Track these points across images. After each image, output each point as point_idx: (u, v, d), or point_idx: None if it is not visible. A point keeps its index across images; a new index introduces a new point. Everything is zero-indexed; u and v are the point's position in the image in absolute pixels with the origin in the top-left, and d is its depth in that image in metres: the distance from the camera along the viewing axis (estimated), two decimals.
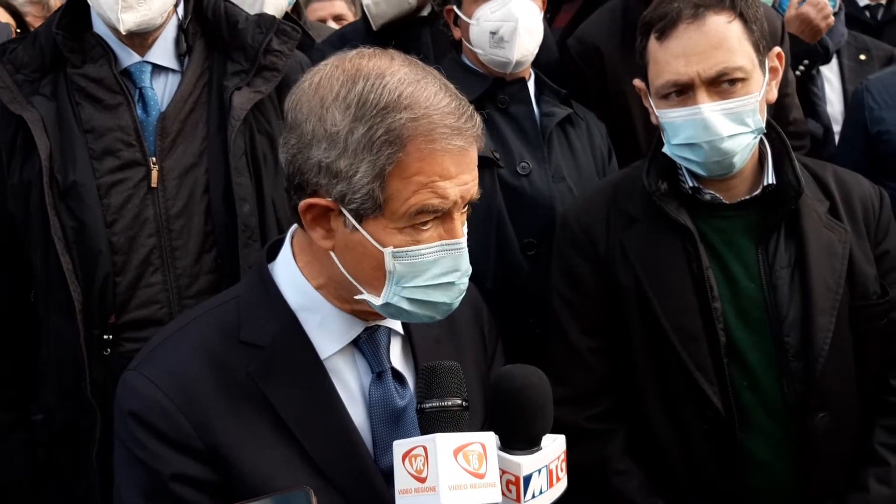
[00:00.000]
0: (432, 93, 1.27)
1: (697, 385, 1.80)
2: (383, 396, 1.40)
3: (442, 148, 1.25)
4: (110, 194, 1.86)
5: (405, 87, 1.25)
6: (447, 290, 1.34)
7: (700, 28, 1.76)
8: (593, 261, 1.92)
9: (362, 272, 1.32)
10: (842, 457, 1.86)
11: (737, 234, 1.87)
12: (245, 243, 1.87)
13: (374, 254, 1.29)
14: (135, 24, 1.85)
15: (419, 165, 1.25)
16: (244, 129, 1.91)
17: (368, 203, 1.26)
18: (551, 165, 2.33)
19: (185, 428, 1.30)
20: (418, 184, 1.26)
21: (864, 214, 1.92)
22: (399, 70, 1.28)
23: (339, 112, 1.26)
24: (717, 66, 1.75)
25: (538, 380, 1.38)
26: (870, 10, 3.89)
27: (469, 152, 1.29)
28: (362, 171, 1.25)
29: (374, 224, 1.28)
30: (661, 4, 1.82)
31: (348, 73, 1.28)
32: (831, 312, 1.81)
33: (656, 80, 1.82)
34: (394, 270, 1.29)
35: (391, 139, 1.24)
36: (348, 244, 1.31)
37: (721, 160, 1.79)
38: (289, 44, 2.00)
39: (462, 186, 1.29)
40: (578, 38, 2.80)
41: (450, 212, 1.30)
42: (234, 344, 1.36)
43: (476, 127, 1.30)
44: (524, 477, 1.32)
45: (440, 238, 1.31)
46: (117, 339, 1.86)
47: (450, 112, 1.26)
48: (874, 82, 2.75)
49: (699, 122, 1.76)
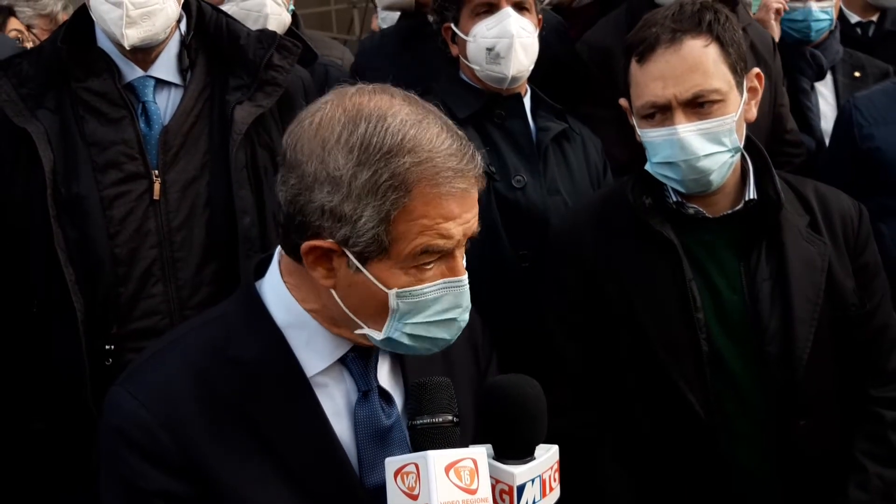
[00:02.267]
0: (434, 134, 1.27)
1: (681, 394, 1.85)
2: (369, 415, 1.40)
3: (447, 192, 1.26)
4: (113, 206, 1.89)
5: (408, 130, 1.26)
6: (448, 327, 1.35)
7: (677, 52, 1.83)
8: (581, 273, 1.97)
9: (365, 310, 1.33)
10: (822, 463, 1.90)
11: (720, 247, 1.92)
12: (246, 255, 1.90)
13: (377, 294, 1.30)
14: (139, 40, 1.88)
15: (424, 209, 1.26)
16: (245, 143, 1.94)
17: (373, 246, 1.27)
18: (546, 179, 2.36)
19: (168, 445, 1.29)
20: (423, 226, 1.26)
21: (844, 229, 1.97)
22: (400, 111, 1.28)
23: (341, 156, 1.26)
24: (692, 88, 1.82)
25: (532, 389, 1.40)
26: (861, 26, 3.93)
27: (471, 193, 1.31)
28: (367, 215, 1.25)
29: (378, 266, 1.29)
30: (642, 28, 1.89)
31: (349, 113, 1.28)
32: (811, 323, 1.87)
33: (636, 101, 1.89)
34: (397, 309, 1.30)
35: (396, 184, 1.24)
36: (351, 284, 1.31)
37: (698, 178, 1.86)
38: (289, 59, 2.04)
39: (464, 226, 1.30)
40: (588, 43, 2.85)
41: (452, 250, 1.31)
42: (221, 361, 1.35)
43: (478, 168, 1.31)
44: (518, 487, 1.32)
45: (443, 276, 1.32)
46: (119, 349, 1.89)
47: (452, 154, 1.27)
48: (862, 99, 2.77)
49: (676, 142, 1.83)
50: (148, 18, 1.87)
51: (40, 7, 3.50)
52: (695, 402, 1.84)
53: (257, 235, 1.93)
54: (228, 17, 2.08)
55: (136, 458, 1.30)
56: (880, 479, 1.89)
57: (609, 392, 1.94)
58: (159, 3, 1.89)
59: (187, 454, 1.30)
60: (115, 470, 1.32)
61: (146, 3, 1.86)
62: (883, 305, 1.99)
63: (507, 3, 2.34)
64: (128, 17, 1.85)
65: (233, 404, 1.33)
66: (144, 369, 1.39)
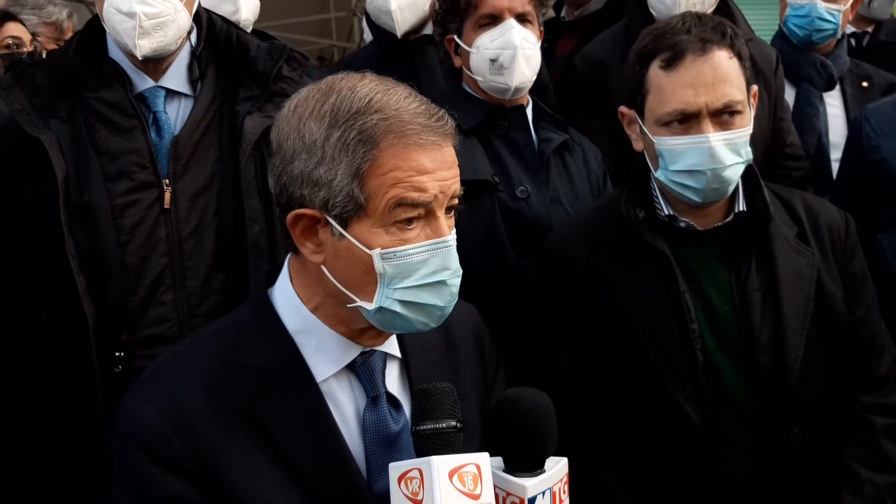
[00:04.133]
0: (402, 97, 1.33)
1: (677, 403, 1.88)
2: (378, 421, 1.42)
3: (414, 143, 1.30)
4: (124, 215, 1.92)
5: (375, 94, 1.32)
6: (439, 291, 1.36)
7: (708, 61, 1.84)
8: (575, 285, 1.99)
9: (354, 279, 1.35)
10: (815, 469, 1.94)
11: (711, 258, 1.95)
12: (255, 264, 1.93)
13: (362, 258, 1.32)
14: (151, 50, 1.91)
15: (394, 162, 1.30)
16: (255, 153, 1.97)
17: (350, 205, 1.30)
18: (549, 189, 2.39)
19: (181, 451, 1.32)
20: (395, 178, 1.30)
21: (831, 238, 2.01)
22: (370, 83, 1.35)
23: (314, 123, 1.32)
24: (722, 98, 1.83)
25: (544, 403, 1.41)
26: (856, 37, 3.97)
27: (443, 148, 1.34)
28: (340, 173, 1.30)
29: (358, 227, 1.32)
30: (664, 36, 1.88)
31: (322, 91, 1.35)
32: (801, 332, 1.90)
33: (660, 108, 1.88)
34: (384, 272, 1.32)
35: (364, 138, 1.29)
36: (338, 253, 1.34)
37: (719, 188, 1.88)
38: (298, 70, 2.07)
39: (441, 182, 1.32)
40: (584, 55, 2.95)
41: (432, 210, 1.33)
42: (232, 368, 1.38)
43: (448, 125, 1.35)
44: (529, 499, 1.34)
45: (427, 238, 1.34)
46: (129, 356, 1.91)
47: (420, 112, 1.32)
48: (872, 111, 2.79)
49: (705, 151, 1.83)
50: (160, 29, 1.90)
51: (45, 15, 3.52)
52: (691, 413, 1.87)
53: (266, 244, 1.96)
54: (238, 28, 2.11)
55: (150, 464, 1.33)
56: (873, 484, 1.93)
57: (604, 403, 1.97)
58: (171, 14, 1.91)
59: (200, 460, 1.32)
60: (128, 475, 1.35)
61: (159, 14, 1.89)
62: (871, 313, 2.03)
63: (510, 15, 2.38)
64: (140, 28, 1.87)
65: (244, 411, 1.36)
66: (158, 376, 1.41)
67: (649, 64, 1.90)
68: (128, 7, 1.87)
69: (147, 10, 1.88)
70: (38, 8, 3.55)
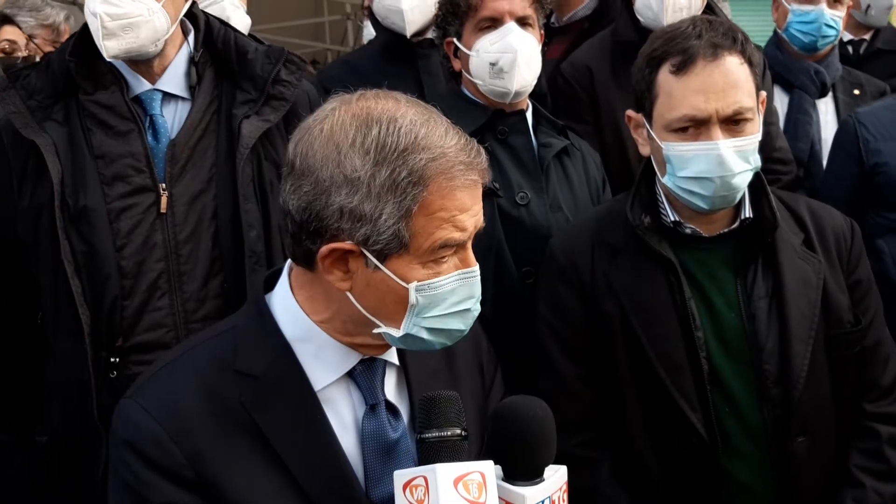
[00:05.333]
0: (443, 132, 1.32)
1: (682, 412, 1.86)
2: (376, 429, 1.42)
3: (461, 184, 1.31)
4: (120, 219, 1.90)
5: (419, 129, 1.30)
6: (463, 317, 1.39)
7: (719, 67, 1.81)
8: (579, 291, 1.97)
9: (383, 308, 1.35)
10: (821, 479, 1.92)
11: (716, 265, 1.93)
12: (252, 269, 1.91)
13: (397, 290, 1.33)
14: (122, 52, 1.88)
15: (441, 202, 1.30)
16: (252, 157, 1.95)
17: (394, 243, 1.30)
18: (549, 195, 2.37)
19: (177, 457, 1.31)
20: (441, 219, 1.30)
21: (837, 245, 1.99)
22: (407, 112, 1.32)
23: (358, 158, 1.29)
24: (733, 104, 1.81)
25: (542, 411, 1.41)
26: (853, 44, 3.98)
27: (479, 185, 1.36)
28: (387, 212, 1.28)
29: (397, 262, 1.32)
30: (675, 40, 1.86)
31: (360, 118, 1.31)
32: (807, 340, 1.88)
33: (669, 114, 1.85)
34: (416, 303, 1.33)
35: (415, 180, 1.28)
36: (370, 283, 1.34)
37: (727, 195, 1.86)
38: (296, 74, 2.05)
39: (475, 217, 1.35)
40: (571, 61, 2.96)
41: (464, 242, 1.35)
42: (229, 373, 1.37)
43: (484, 161, 1.36)
44: None
45: (457, 268, 1.35)
46: (124, 361, 1.90)
47: (461, 149, 1.32)
48: (867, 115, 2.79)
49: (715, 157, 1.81)
50: (131, 30, 1.86)
51: (42, 17, 3.50)
52: (696, 421, 1.85)
53: (263, 249, 1.94)
54: (237, 31, 2.09)
55: (146, 470, 1.31)
56: (877, 493, 1.91)
57: (608, 411, 1.95)
58: (144, 15, 1.87)
59: (196, 467, 1.31)
60: (124, 481, 1.34)
61: (126, 14, 1.86)
62: (876, 321, 2.02)
63: (510, 18, 2.36)
64: (104, 29, 1.84)
65: (241, 417, 1.35)
66: (154, 382, 1.40)
67: (659, 68, 1.87)
68: (93, 7, 1.85)
69: (110, 11, 1.85)
70: (35, 10, 3.53)
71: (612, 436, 1.96)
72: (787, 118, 3.16)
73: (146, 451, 1.32)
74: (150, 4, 1.88)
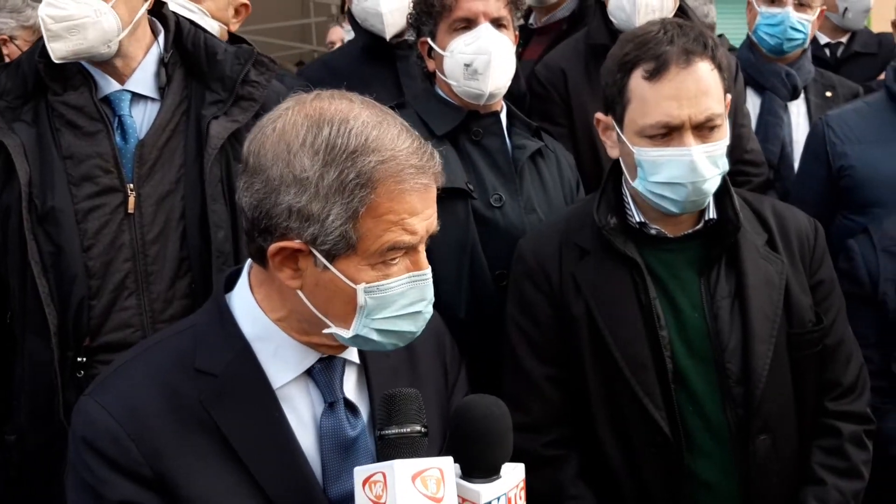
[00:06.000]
0: (395, 134, 1.32)
1: (647, 411, 1.87)
2: (335, 426, 1.42)
3: (410, 187, 1.31)
4: (87, 219, 1.90)
5: (370, 131, 1.31)
6: (414, 319, 1.39)
7: (692, 73, 1.83)
8: (547, 292, 1.98)
9: (332, 308, 1.36)
10: (783, 476, 1.94)
11: (681, 266, 1.95)
12: (219, 269, 1.91)
13: (345, 290, 1.33)
14: (70, 53, 1.88)
15: (389, 205, 1.30)
16: (220, 158, 1.96)
17: (341, 244, 1.31)
18: (523, 197, 2.37)
19: (135, 455, 1.31)
20: (389, 222, 1.31)
21: (800, 246, 2.01)
22: (360, 114, 1.33)
23: (307, 158, 1.29)
24: (705, 111, 1.83)
25: (498, 410, 1.42)
26: (830, 47, 4.02)
27: (431, 188, 1.36)
28: (335, 213, 1.29)
29: (345, 262, 1.32)
30: (647, 45, 1.87)
31: (312, 118, 1.32)
32: (769, 340, 1.90)
33: (642, 119, 1.86)
34: (365, 305, 1.34)
35: (363, 182, 1.29)
36: (319, 283, 1.35)
37: (698, 199, 1.88)
38: (266, 75, 2.06)
39: (426, 221, 1.35)
40: (545, 63, 2.98)
41: (415, 245, 1.35)
42: (188, 372, 1.38)
43: (436, 164, 1.36)
44: None
45: (407, 270, 1.36)
46: (91, 361, 1.90)
47: (413, 152, 1.32)
48: (834, 118, 2.81)
49: (688, 163, 1.83)
50: (77, 32, 1.86)
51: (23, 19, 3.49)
52: (660, 420, 1.87)
53: (231, 250, 1.95)
54: (207, 32, 2.10)
55: (103, 468, 1.32)
56: (838, 491, 1.94)
57: (575, 411, 1.96)
58: (90, 17, 1.87)
59: (154, 464, 1.32)
60: (82, 479, 1.34)
61: (70, 16, 1.85)
62: (839, 321, 2.04)
63: (485, 19, 2.35)
64: (48, 31, 1.85)
65: (200, 415, 1.36)
66: (113, 380, 1.41)
67: (631, 73, 1.87)
68: (39, 10, 1.86)
69: (53, 13, 1.85)
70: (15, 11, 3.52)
71: (579, 436, 1.97)
72: (759, 120, 3.19)
73: (103, 448, 1.32)
74: (96, 6, 1.87)
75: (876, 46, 4.01)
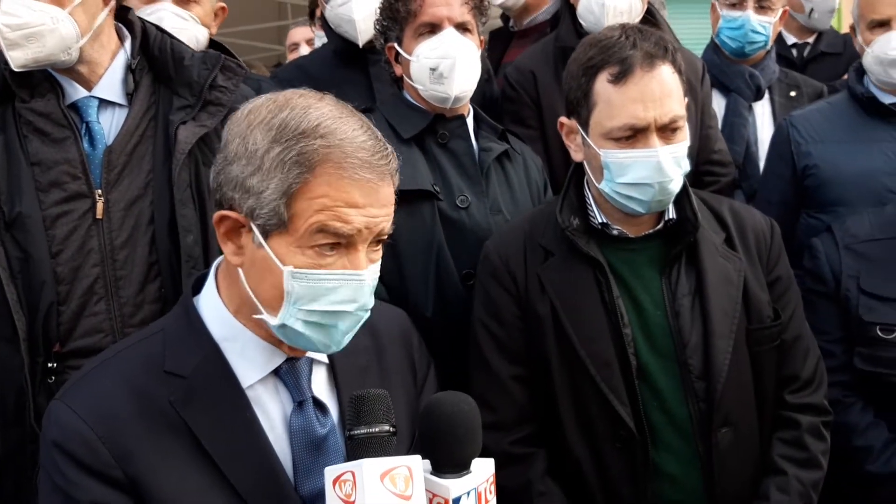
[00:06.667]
0: (351, 128, 1.36)
1: (611, 407, 1.91)
2: (304, 425, 1.45)
3: (349, 176, 1.33)
4: (55, 226, 1.90)
5: (326, 120, 1.35)
6: (343, 320, 1.40)
7: (655, 76, 1.88)
8: (513, 292, 2.02)
9: (263, 290, 1.38)
10: (745, 469, 1.99)
11: (642, 265, 2.00)
12: (189, 273, 1.91)
13: (274, 271, 1.36)
14: (30, 61, 1.87)
15: (325, 189, 1.33)
16: (189, 162, 1.96)
17: (274, 219, 1.34)
18: (489, 199, 2.41)
19: (106, 457, 1.34)
20: (322, 205, 1.33)
21: (757, 244, 2.06)
22: (325, 106, 1.37)
23: (260, 133, 1.35)
24: (669, 113, 1.88)
25: (467, 406, 1.44)
26: (797, 47, 4.08)
27: (380, 187, 1.37)
28: (272, 188, 1.33)
29: (278, 241, 1.35)
30: (611, 49, 1.91)
31: (278, 103, 1.38)
32: (729, 336, 1.95)
33: (609, 122, 1.90)
34: (292, 291, 1.35)
35: (301, 161, 1.33)
36: (254, 260, 1.38)
37: (663, 199, 1.93)
38: (234, 79, 2.07)
39: (370, 219, 1.36)
40: (516, 66, 3.02)
41: (354, 242, 1.36)
42: (158, 374, 1.40)
43: (390, 165, 1.38)
44: (453, 499, 1.36)
45: (342, 267, 1.37)
46: (61, 367, 1.89)
47: (364, 148, 1.35)
48: (798, 118, 2.87)
49: (654, 164, 1.87)
50: (35, 40, 1.85)
51: None
52: (625, 415, 1.91)
53: (200, 254, 1.95)
54: (173, 38, 2.10)
55: (74, 470, 1.33)
56: (799, 481, 1.99)
57: (541, 409, 2.00)
58: (47, 24, 1.85)
59: (125, 466, 1.34)
60: (53, 482, 1.36)
61: (26, 24, 1.84)
62: (796, 316, 2.09)
63: (449, 24, 2.39)
64: (6, 40, 1.84)
65: (170, 417, 1.37)
66: (83, 384, 1.42)
67: (596, 76, 1.91)
68: None
69: (8, 22, 1.84)
70: None
71: (545, 433, 2.01)
72: (724, 121, 3.23)
73: (74, 451, 1.34)
74: (53, 13, 1.86)
75: (841, 46, 4.07)
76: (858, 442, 2.32)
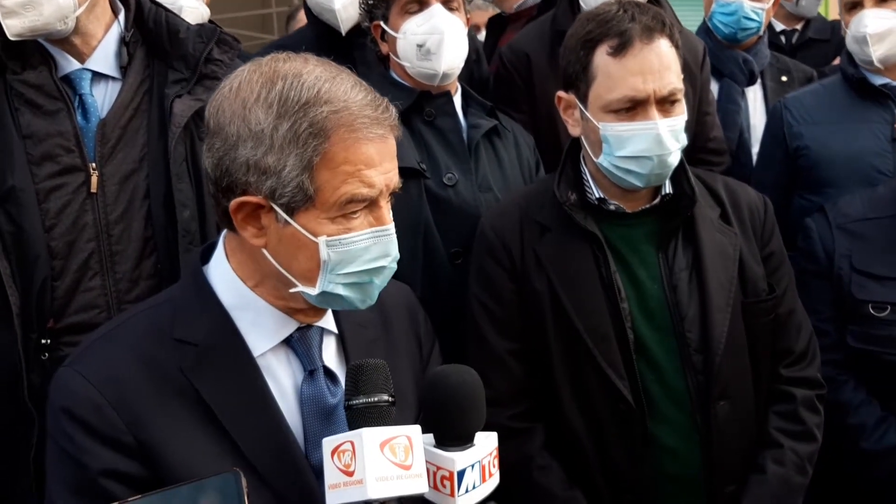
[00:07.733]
0: (348, 87, 1.35)
1: (610, 381, 1.92)
2: (315, 394, 1.44)
3: (364, 136, 1.33)
4: (49, 199, 1.87)
5: (322, 84, 1.33)
6: (378, 275, 1.42)
7: (654, 49, 1.88)
8: (509, 268, 2.02)
9: (297, 264, 1.37)
10: (742, 441, 2.00)
11: (639, 240, 2.00)
12: (185, 248, 1.90)
13: (308, 245, 1.35)
14: (26, 30, 1.85)
15: (344, 155, 1.32)
16: (185, 136, 1.94)
17: (299, 195, 1.32)
18: (478, 176, 2.39)
19: (117, 423, 1.32)
20: (345, 173, 1.32)
21: (752, 219, 2.08)
22: (314, 69, 1.36)
23: (261, 111, 1.32)
24: (668, 85, 1.88)
25: (471, 378, 1.44)
26: (785, 34, 4.10)
27: (388, 140, 1.38)
28: (290, 164, 1.31)
29: (305, 216, 1.34)
30: (609, 23, 1.91)
31: (266, 75, 1.35)
32: (726, 309, 1.96)
33: (608, 94, 1.89)
34: (328, 259, 1.35)
35: (315, 131, 1.31)
36: (282, 239, 1.36)
37: (662, 172, 1.93)
38: (229, 53, 2.05)
39: (385, 175, 1.37)
40: (511, 46, 2.98)
41: (377, 200, 1.37)
42: (168, 342, 1.39)
43: (392, 117, 1.38)
44: (458, 472, 1.36)
45: (370, 225, 1.38)
46: (56, 343, 1.87)
47: (367, 104, 1.35)
48: (792, 100, 2.90)
49: (654, 136, 1.87)
50: (33, 8, 1.83)
51: None
52: (623, 389, 1.91)
53: (197, 228, 1.93)
54: (168, 10, 2.07)
55: (84, 437, 1.32)
56: (794, 453, 2.01)
57: (540, 383, 2.00)
58: None
59: (135, 432, 1.32)
60: (62, 449, 1.33)
61: None
62: (789, 291, 2.11)
63: (436, 0, 2.38)
64: (3, 7, 1.81)
65: (180, 383, 1.36)
66: (92, 351, 1.41)
67: (595, 50, 1.91)
68: None
69: None
70: None
71: (543, 408, 2.01)
72: (717, 108, 3.22)
73: (85, 417, 1.32)
74: None
75: (829, 33, 4.10)
76: (852, 420, 2.34)
